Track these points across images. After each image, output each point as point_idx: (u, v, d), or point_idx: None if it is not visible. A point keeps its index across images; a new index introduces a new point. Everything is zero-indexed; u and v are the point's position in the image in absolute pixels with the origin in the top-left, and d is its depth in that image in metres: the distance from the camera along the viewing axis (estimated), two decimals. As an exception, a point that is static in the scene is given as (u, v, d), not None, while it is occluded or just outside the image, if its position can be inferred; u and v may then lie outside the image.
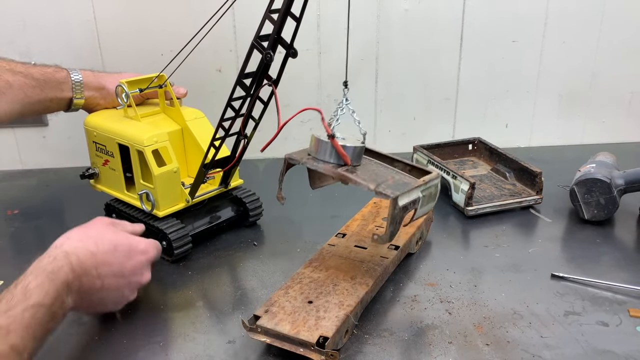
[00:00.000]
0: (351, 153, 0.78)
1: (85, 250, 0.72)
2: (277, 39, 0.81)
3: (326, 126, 0.77)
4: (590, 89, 1.43)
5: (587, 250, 0.98)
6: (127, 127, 0.96)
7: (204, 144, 0.97)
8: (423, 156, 1.23)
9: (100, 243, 0.75)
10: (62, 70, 1.03)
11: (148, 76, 0.99)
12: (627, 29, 1.38)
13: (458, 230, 1.06)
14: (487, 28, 1.35)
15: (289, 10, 0.79)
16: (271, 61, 0.83)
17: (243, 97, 0.87)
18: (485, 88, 1.41)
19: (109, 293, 0.76)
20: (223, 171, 0.99)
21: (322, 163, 0.78)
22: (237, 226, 1.08)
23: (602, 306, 0.83)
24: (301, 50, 0.85)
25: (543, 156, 1.37)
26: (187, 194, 0.96)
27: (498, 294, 0.86)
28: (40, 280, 0.66)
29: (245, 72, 0.85)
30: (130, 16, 1.25)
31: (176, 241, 0.94)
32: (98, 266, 0.73)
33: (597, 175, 1.05)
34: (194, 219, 1.01)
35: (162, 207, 0.95)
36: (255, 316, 0.74)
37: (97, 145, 1.00)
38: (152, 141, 0.92)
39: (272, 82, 0.86)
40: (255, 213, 1.07)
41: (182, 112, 1.01)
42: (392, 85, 1.38)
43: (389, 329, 0.79)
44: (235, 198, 1.06)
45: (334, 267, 0.85)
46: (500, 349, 0.75)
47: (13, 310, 0.62)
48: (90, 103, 1.05)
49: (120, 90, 0.97)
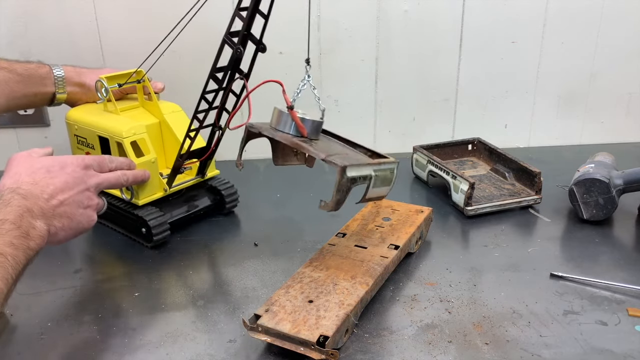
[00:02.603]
0: (309, 126, 0.82)
1: (25, 183, 0.76)
2: (246, 35, 0.86)
3: (286, 98, 0.81)
4: (589, 90, 1.44)
5: (586, 250, 0.99)
6: (106, 120, 1.01)
7: (181, 136, 1.01)
8: (423, 156, 1.23)
9: (32, 172, 0.78)
10: (45, 66, 1.06)
11: (127, 72, 1.03)
12: (625, 30, 1.38)
13: (457, 230, 1.07)
14: (487, 29, 1.35)
15: (257, 8, 0.84)
16: (241, 56, 0.88)
17: (216, 90, 0.92)
18: (484, 89, 1.42)
19: (71, 208, 0.79)
20: (199, 161, 1.04)
21: (281, 133, 0.82)
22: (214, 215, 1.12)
23: (601, 305, 0.84)
24: (302, 51, 0.85)
25: (542, 156, 1.37)
26: (165, 183, 1.01)
27: (497, 294, 0.87)
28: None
29: (217, 67, 0.90)
30: (133, 16, 1.25)
31: (155, 228, 0.98)
32: (44, 190, 0.77)
33: (596, 175, 1.05)
34: (173, 207, 1.05)
35: (141, 196, 0.99)
36: (255, 315, 0.74)
37: (78, 138, 1.05)
38: (130, 133, 0.97)
39: (244, 76, 0.90)
40: (231, 201, 1.11)
41: (160, 106, 1.05)
42: (391, 86, 1.39)
43: (389, 328, 0.79)
44: (211, 187, 1.11)
45: (334, 266, 0.85)
46: (499, 348, 0.75)
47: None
48: (72, 98, 1.09)
49: (100, 85, 1.02)
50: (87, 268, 0.95)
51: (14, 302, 0.85)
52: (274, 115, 0.84)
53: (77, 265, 0.96)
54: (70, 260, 0.99)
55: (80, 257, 1.00)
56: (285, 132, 0.82)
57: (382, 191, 0.82)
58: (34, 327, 0.80)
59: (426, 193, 1.22)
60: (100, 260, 0.98)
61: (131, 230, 1.02)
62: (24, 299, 0.86)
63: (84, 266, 0.96)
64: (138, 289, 0.89)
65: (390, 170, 0.82)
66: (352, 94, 1.38)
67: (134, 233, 1.02)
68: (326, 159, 0.76)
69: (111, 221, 1.06)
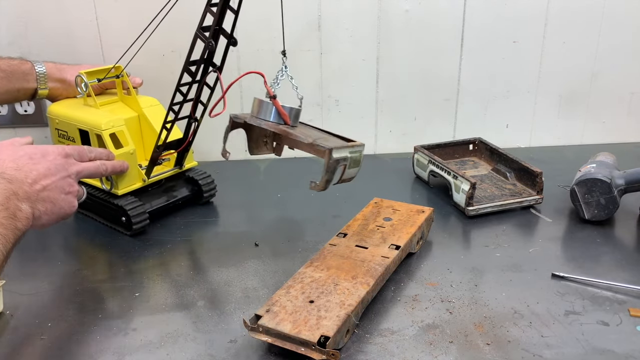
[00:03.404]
0: (289, 112, 0.86)
1: (9, 169, 0.78)
2: (217, 30, 0.90)
3: (268, 88, 0.85)
4: (590, 89, 1.44)
5: (588, 250, 0.99)
6: (86, 113, 1.05)
7: (159, 129, 1.02)
8: (424, 156, 1.23)
9: (15, 159, 0.80)
10: (27, 63, 1.10)
11: (106, 67, 1.07)
12: (627, 30, 1.38)
13: (459, 230, 1.07)
14: (488, 28, 1.35)
15: (227, 3, 0.87)
16: (214, 49, 0.92)
17: (190, 82, 0.96)
18: (485, 88, 1.41)
19: (53, 193, 0.82)
20: (177, 152, 1.08)
21: (264, 122, 0.86)
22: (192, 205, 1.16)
23: (603, 306, 0.84)
24: (302, 51, 0.86)
25: (543, 156, 1.37)
26: (143, 174, 1.05)
27: (499, 294, 0.87)
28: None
29: (191, 60, 0.93)
30: (133, 16, 1.25)
31: (135, 217, 1.02)
32: (27, 175, 0.79)
33: (597, 175, 1.05)
34: (152, 197, 1.09)
35: (121, 186, 1.02)
36: (256, 315, 0.74)
37: (59, 131, 1.09)
38: (109, 125, 1.01)
39: (217, 69, 0.94)
40: (208, 191, 1.15)
41: (139, 100, 1.09)
42: (392, 86, 1.38)
43: (390, 329, 0.79)
44: (189, 178, 1.15)
45: (335, 266, 0.85)
46: (500, 348, 0.75)
47: None
48: (53, 93, 1.13)
49: (80, 80, 1.06)
50: (88, 268, 0.95)
51: (14, 302, 0.85)
52: (254, 105, 0.87)
53: (78, 266, 0.96)
54: (71, 260, 0.99)
55: (80, 257, 1.00)
56: (268, 119, 0.86)
57: (353, 172, 0.87)
58: (35, 327, 0.80)
59: (427, 193, 1.21)
60: (100, 260, 0.98)
61: (111, 219, 1.05)
62: (24, 299, 0.86)
63: (84, 266, 0.96)
64: (138, 289, 0.89)
65: (359, 152, 0.87)
66: (352, 94, 1.38)
67: (114, 222, 1.05)
68: (314, 143, 0.80)
69: (92, 211, 1.09)
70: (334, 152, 0.79)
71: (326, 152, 0.79)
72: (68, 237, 1.06)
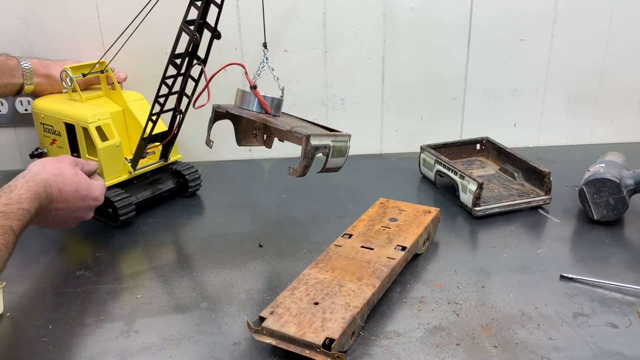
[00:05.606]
0: (270, 102, 0.89)
1: (56, 186, 0.85)
2: (202, 23, 0.93)
3: (249, 78, 0.88)
4: (599, 88, 1.42)
5: (596, 251, 0.97)
6: (72, 107, 1.08)
7: (144, 122, 1.05)
8: (430, 156, 1.22)
9: (68, 183, 0.87)
10: (13, 58, 1.13)
11: (90, 62, 1.10)
12: (636, 28, 1.36)
13: (466, 230, 1.06)
14: (495, 26, 1.34)
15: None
16: (198, 42, 0.94)
17: (175, 75, 0.98)
18: (493, 87, 1.40)
19: (58, 220, 0.89)
20: (162, 145, 1.10)
21: (247, 111, 0.89)
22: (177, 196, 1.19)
23: (612, 307, 0.82)
24: (307, 49, 0.85)
25: (551, 156, 1.36)
26: (129, 166, 1.08)
27: (506, 295, 0.86)
28: (29, 195, 0.80)
29: (176, 53, 0.96)
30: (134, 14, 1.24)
31: (121, 209, 1.04)
32: (60, 201, 0.86)
33: (606, 175, 1.04)
34: (138, 189, 1.11)
35: (107, 178, 1.05)
36: (260, 318, 0.74)
37: (45, 126, 1.11)
38: (95, 118, 1.03)
39: (201, 62, 0.97)
40: (193, 183, 1.18)
41: (123, 94, 1.12)
42: (398, 85, 1.37)
43: (395, 331, 0.78)
44: (175, 171, 1.18)
45: (340, 268, 0.84)
46: (508, 350, 0.74)
47: (9, 206, 0.77)
48: (38, 89, 1.15)
49: (65, 75, 1.08)
50: (89, 270, 0.95)
51: (16, 304, 0.85)
52: (237, 95, 0.91)
53: (79, 267, 0.95)
54: (73, 262, 0.98)
55: (81, 259, 0.99)
56: (250, 109, 0.89)
57: (339, 162, 0.90)
58: (36, 329, 0.80)
59: (434, 193, 1.21)
60: (102, 262, 0.98)
61: (98, 211, 1.04)
62: (25, 301, 0.86)
63: (85, 268, 0.95)
64: (140, 291, 0.88)
65: (344, 142, 0.90)
66: (358, 93, 1.37)
67: (101, 214, 1.07)
68: (292, 130, 0.84)
69: None
70: (312, 139, 0.83)
71: (303, 138, 0.83)
72: (69, 238, 1.05)
